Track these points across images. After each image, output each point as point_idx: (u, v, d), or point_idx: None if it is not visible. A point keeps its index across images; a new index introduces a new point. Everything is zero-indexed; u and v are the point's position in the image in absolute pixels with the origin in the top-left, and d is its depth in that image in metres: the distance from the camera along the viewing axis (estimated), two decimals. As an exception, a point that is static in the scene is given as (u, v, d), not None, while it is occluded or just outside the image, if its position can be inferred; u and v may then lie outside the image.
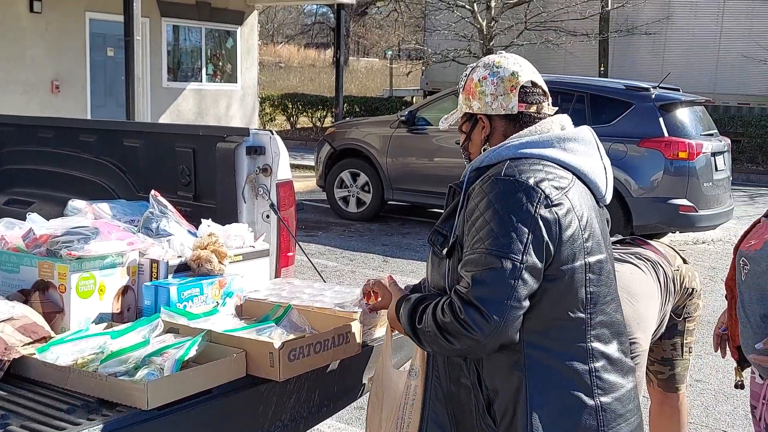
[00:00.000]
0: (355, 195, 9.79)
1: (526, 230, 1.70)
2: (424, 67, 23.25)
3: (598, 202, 1.92)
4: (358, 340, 2.62)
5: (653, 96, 8.00)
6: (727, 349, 2.50)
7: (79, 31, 13.88)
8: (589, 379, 1.79)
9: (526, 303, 1.73)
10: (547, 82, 7.22)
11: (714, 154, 8.08)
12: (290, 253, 3.44)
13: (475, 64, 1.99)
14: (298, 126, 20.90)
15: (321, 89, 25.70)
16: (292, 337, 2.53)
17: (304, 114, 20.80)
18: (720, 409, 4.52)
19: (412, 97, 23.73)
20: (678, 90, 8.65)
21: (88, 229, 2.63)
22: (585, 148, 1.87)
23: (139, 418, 2.06)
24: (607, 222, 1.97)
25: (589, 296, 1.79)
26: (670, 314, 3.07)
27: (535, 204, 1.72)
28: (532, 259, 1.70)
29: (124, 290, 2.68)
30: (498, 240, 1.71)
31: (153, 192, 3.11)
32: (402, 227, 9.46)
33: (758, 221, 2.37)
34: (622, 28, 19.01)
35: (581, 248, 1.77)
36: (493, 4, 18.01)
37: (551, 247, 1.72)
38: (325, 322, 2.63)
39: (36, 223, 2.75)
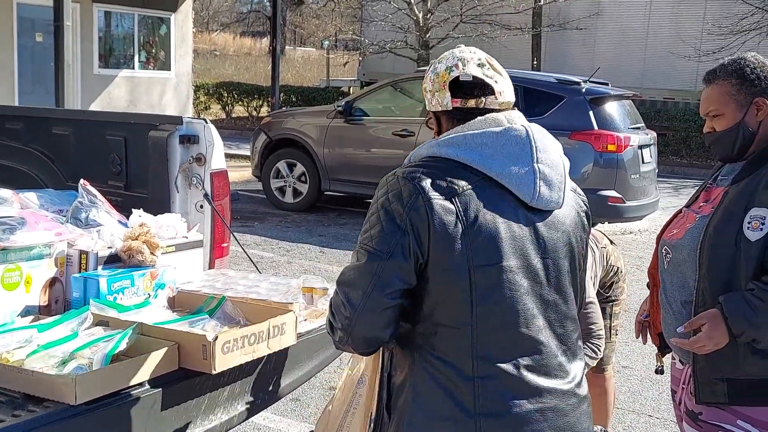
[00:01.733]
0: (292, 185, 9.73)
1: (395, 228, 1.68)
2: (361, 58, 23.26)
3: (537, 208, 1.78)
4: (294, 331, 2.61)
5: (584, 90, 8.18)
6: (648, 335, 2.58)
7: (6, 16, 13.44)
8: (473, 392, 1.68)
9: (393, 299, 1.69)
10: (482, 74, 7.02)
11: (641, 147, 8.31)
12: (225, 244, 3.41)
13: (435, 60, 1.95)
14: (234, 115, 20.65)
15: (257, 78, 25.44)
16: (225, 329, 2.50)
17: (240, 103, 20.56)
18: (646, 394, 4.66)
19: (349, 88, 23.70)
20: (607, 84, 8.85)
21: (13, 219, 2.54)
22: (506, 149, 1.75)
23: (67, 414, 2.01)
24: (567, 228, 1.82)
25: (475, 306, 1.68)
26: (598, 293, 3.24)
27: (409, 204, 1.68)
28: (397, 256, 1.67)
29: (52, 282, 2.60)
30: (368, 234, 1.72)
31: (82, 181, 3.03)
32: (339, 218, 9.45)
33: (680, 211, 2.44)
34: (555, 23, 19.39)
35: (464, 253, 1.67)
36: (429, -5, 18.13)
37: (422, 248, 1.67)
38: (260, 314, 2.61)
39: (-42, 213, 2.66)
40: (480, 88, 1.83)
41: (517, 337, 1.72)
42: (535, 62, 19.69)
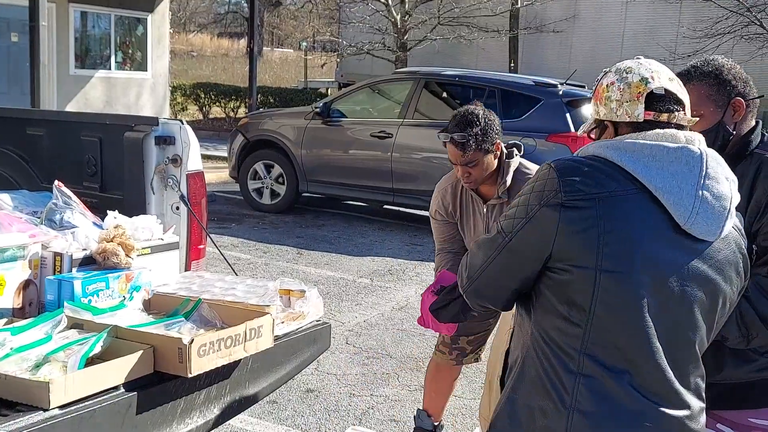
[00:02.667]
0: (269, 187, 9.69)
1: (523, 217, 1.75)
2: (339, 60, 23.24)
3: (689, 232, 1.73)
4: (271, 334, 2.60)
5: (560, 92, 8.23)
6: None
7: (-19, 16, 13.25)
8: (573, 386, 1.71)
9: (509, 278, 1.80)
10: (459, 77, 7.38)
11: None
12: (201, 246, 3.39)
13: (608, 69, 1.89)
14: (211, 116, 20.53)
15: (234, 79, 25.32)
16: (202, 332, 2.49)
17: (217, 104, 20.45)
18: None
19: (327, 89, 23.67)
20: (584, 87, 8.91)
21: (-15, 221, 2.51)
22: (673, 166, 1.71)
23: (41, 418, 1.99)
24: (734, 263, 1.79)
25: (595, 305, 1.69)
26: None
27: (544, 197, 1.72)
28: (517, 242, 1.76)
29: (26, 284, 2.57)
30: (506, 215, 1.81)
31: (57, 182, 3.00)
32: (316, 219, 9.43)
33: None
34: (531, 25, 19.51)
35: (592, 256, 1.67)
36: (407, -2, 18.15)
37: (546, 242, 1.71)
38: (237, 316, 2.59)
39: (-72, 215, 2.61)
40: (673, 102, 1.81)
41: (629, 349, 1.71)
42: (512, 65, 19.79)
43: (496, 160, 3.16)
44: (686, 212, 1.70)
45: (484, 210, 3.24)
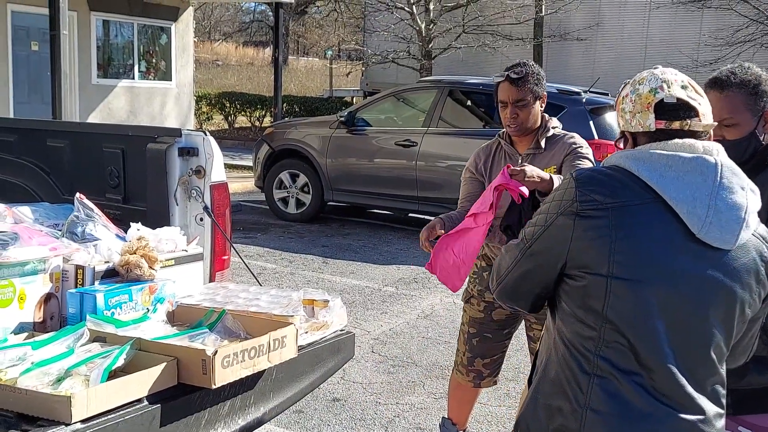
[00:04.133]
0: (295, 196, 9.69)
1: (543, 224, 1.84)
2: (364, 68, 23.27)
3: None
4: (294, 344, 2.57)
5: (584, 100, 8.17)
6: None
7: (0, 24, 13.35)
8: (588, 386, 1.77)
9: (530, 283, 1.90)
10: (483, 85, 7.33)
11: None
12: (225, 257, 3.37)
13: (627, 81, 1.94)
14: (236, 125, 20.65)
15: (260, 88, 25.46)
16: (226, 343, 2.46)
17: (243, 113, 20.55)
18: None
19: (352, 98, 23.73)
20: (607, 94, 8.84)
21: (6, 234, 2.50)
22: (688, 176, 1.74)
23: (63, 433, 1.97)
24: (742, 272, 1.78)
25: (607, 310, 1.74)
26: None
27: (562, 206, 1.81)
28: (536, 249, 1.85)
29: (47, 298, 2.56)
30: (530, 223, 1.91)
31: (78, 194, 2.99)
32: (342, 228, 9.41)
33: None
34: (555, 33, 19.44)
35: (605, 263, 1.73)
36: (431, 6, 18.13)
37: (561, 249, 1.80)
38: (261, 327, 2.57)
39: (-50, 228, 2.61)
40: (685, 110, 1.83)
41: (640, 352, 1.75)
42: (536, 72, 19.68)
43: (540, 115, 3.27)
44: (699, 222, 1.74)
45: (519, 161, 3.26)
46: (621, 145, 1.93)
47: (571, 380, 1.80)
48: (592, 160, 3.18)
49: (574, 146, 3.22)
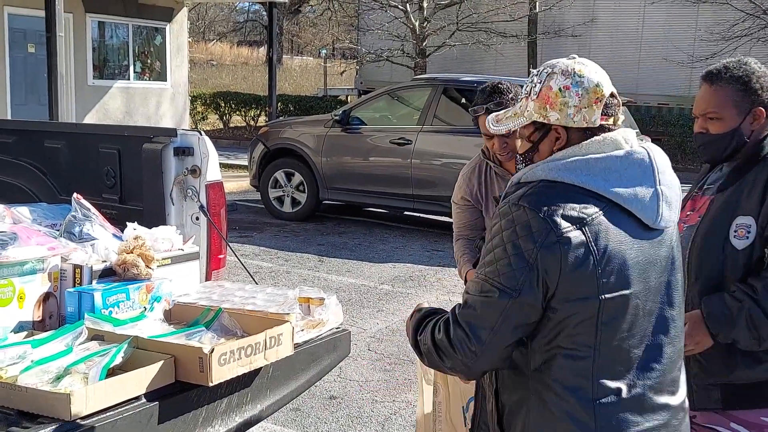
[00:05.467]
0: (290, 195, 9.71)
1: (524, 265, 1.65)
2: (358, 67, 23.28)
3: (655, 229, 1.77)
4: (291, 341, 2.59)
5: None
6: None
7: (-4, 27, 13.35)
8: (593, 414, 1.69)
9: (518, 333, 1.71)
10: (478, 83, 7.39)
11: None
12: (221, 256, 3.39)
13: (547, 69, 1.82)
14: (231, 125, 20.64)
15: (254, 88, 25.43)
16: (222, 341, 2.49)
17: (237, 113, 20.55)
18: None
19: (347, 97, 23.71)
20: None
21: (5, 234, 2.52)
22: (628, 172, 1.73)
23: (63, 430, 1.99)
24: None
25: (600, 332, 1.69)
26: None
27: (539, 238, 1.65)
28: (526, 294, 1.66)
29: (46, 297, 2.58)
30: (496, 270, 1.69)
31: (75, 195, 3.01)
32: (337, 227, 9.43)
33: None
34: (550, 30, 19.46)
35: (594, 284, 1.66)
36: (425, 4, 18.15)
37: (552, 282, 1.66)
38: (257, 325, 2.59)
39: (-51, 229, 2.63)
40: (616, 105, 1.81)
41: (637, 359, 1.73)
42: (531, 69, 19.71)
43: None
44: (653, 213, 1.74)
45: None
46: (533, 138, 1.82)
47: (573, 414, 1.69)
48: None
49: None
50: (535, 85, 1.81)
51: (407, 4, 17.80)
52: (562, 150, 1.77)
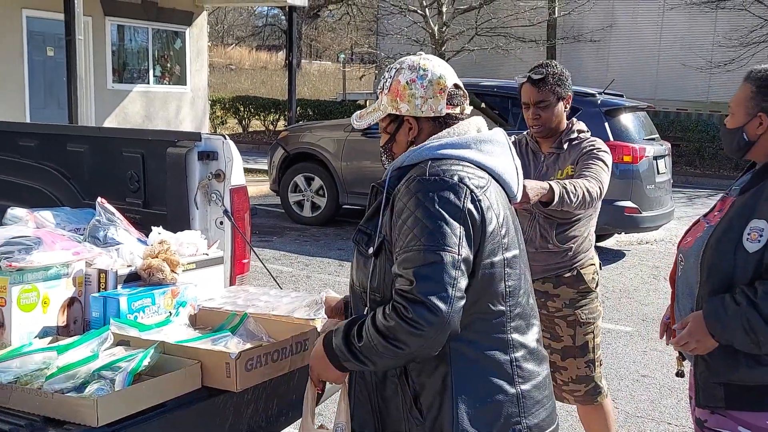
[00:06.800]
0: (310, 199, 9.71)
1: (457, 224, 1.77)
2: (377, 71, 23.30)
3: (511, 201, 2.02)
4: (317, 347, 2.56)
5: (599, 102, 8.13)
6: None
7: (16, 30, 13.30)
8: (510, 368, 1.87)
9: (465, 294, 1.78)
10: (499, 87, 7.34)
11: (656, 158, 8.27)
12: (245, 260, 3.37)
13: (396, 65, 2.00)
14: (250, 129, 20.71)
15: (273, 92, 25.53)
16: (248, 346, 2.46)
17: (257, 117, 20.62)
18: (665, 402, 4.64)
19: (366, 101, 23.72)
20: (621, 96, 8.80)
21: (29, 239, 2.51)
22: (499, 150, 1.95)
23: (89, 437, 1.97)
24: None
25: (507, 290, 1.87)
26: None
27: (462, 199, 1.78)
28: (466, 251, 1.77)
29: (70, 302, 2.56)
30: (433, 235, 1.75)
31: (99, 199, 3.00)
32: (356, 231, 9.40)
33: (698, 221, 2.48)
34: (569, 35, 19.41)
35: (499, 244, 1.85)
36: (444, 9, 18.13)
37: (476, 241, 1.80)
38: (283, 330, 2.57)
39: (-26, 233, 2.62)
40: (462, 95, 2.00)
41: (531, 315, 1.96)
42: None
43: (565, 115, 3.22)
44: (515, 185, 2.00)
45: (542, 159, 3.25)
46: (390, 130, 1.99)
47: (495, 372, 1.85)
48: (608, 163, 3.13)
49: (593, 146, 3.17)
50: (387, 81, 1.99)
51: (426, 9, 17.79)
52: (418, 139, 1.96)
